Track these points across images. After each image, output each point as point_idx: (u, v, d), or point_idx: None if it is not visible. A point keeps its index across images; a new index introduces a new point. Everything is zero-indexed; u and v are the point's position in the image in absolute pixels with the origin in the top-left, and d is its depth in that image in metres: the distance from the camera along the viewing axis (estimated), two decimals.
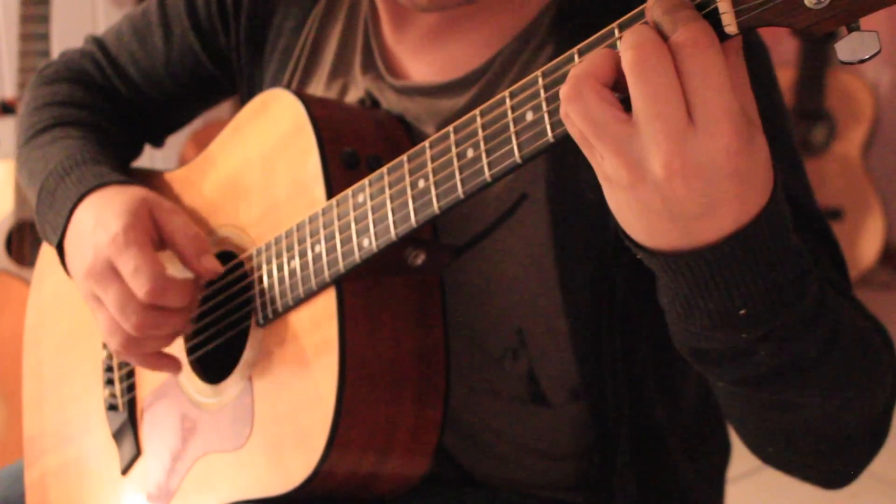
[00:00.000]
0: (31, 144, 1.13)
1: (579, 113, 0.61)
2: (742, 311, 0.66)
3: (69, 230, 1.01)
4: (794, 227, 0.73)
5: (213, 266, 0.96)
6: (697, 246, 0.63)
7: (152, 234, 0.96)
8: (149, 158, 1.30)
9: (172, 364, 1.00)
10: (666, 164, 0.59)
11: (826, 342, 0.71)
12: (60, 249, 1.04)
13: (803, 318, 0.69)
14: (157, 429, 1.04)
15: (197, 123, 2.75)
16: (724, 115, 0.58)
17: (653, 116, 0.59)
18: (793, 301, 0.67)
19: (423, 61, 0.99)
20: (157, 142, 1.28)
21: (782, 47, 3.10)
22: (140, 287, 0.92)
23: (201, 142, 2.81)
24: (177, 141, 2.86)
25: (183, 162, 2.82)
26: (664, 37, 0.59)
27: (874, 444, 0.82)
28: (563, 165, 0.90)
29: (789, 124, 0.91)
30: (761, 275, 0.65)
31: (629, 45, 0.59)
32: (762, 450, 0.84)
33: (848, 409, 0.78)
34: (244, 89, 1.13)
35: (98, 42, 1.23)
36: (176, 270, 0.98)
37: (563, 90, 0.61)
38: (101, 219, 0.97)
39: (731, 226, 0.62)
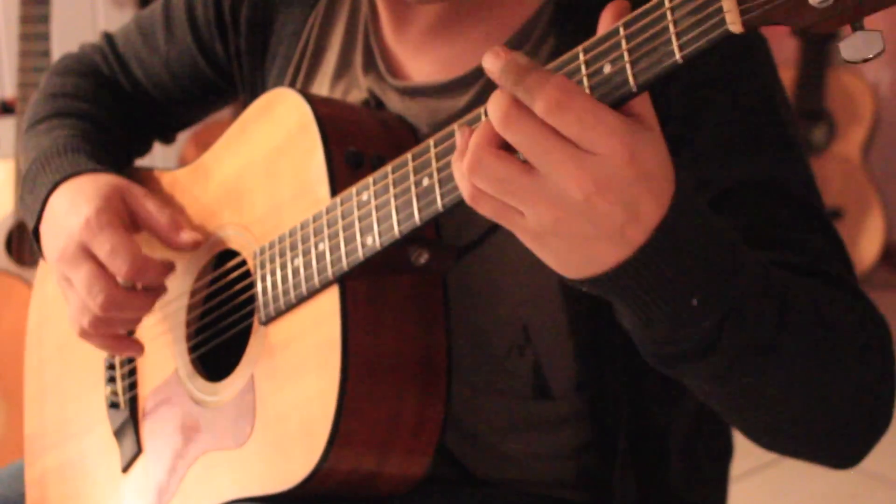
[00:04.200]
0: (30, 133, 1.17)
1: (487, 178, 0.65)
2: (694, 302, 0.69)
3: (44, 216, 1.04)
4: (795, 221, 0.80)
5: (192, 237, 0.99)
6: (633, 252, 0.66)
7: (124, 218, 0.99)
8: (149, 159, 1.31)
9: (135, 347, 1.03)
10: (580, 188, 0.62)
11: (778, 315, 0.74)
12: (37, 235, 1.06)
13: (750, 288, 0.72)
14: (158, 427, 1.04)
15: (197, 124, 2.75)
16: (610, 136, 0.62)
17: (543, 155, 0.63)
18: (734, 271, 0.70)
19: (423, 61, 0.99)
20: (166, 138, 1.31)
21: (782, 47, 3.10)
22: (119, 267, 0.95)
23: (201, 142, 2.81)
24: (177, 141, 2.86)
25: (183, 162, 2.82)
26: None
27: (873, 426, 0.84)
28: None
29: (786, 116, 0.91)
30: (696, 255, 0.68)
31: (491, 111, 0.64)
32: (760, 441, 0.85)
33: (822, 393, 0.79)
34: (247, 96, 1.14)
35: (109, 39, 1.26)
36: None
37: (465, 165, 0.65)
38: (73, 204, 1.00)
39: (655, 221, 0.65)
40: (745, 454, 1.14)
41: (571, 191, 0.63)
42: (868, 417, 0.83)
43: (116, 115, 1.21)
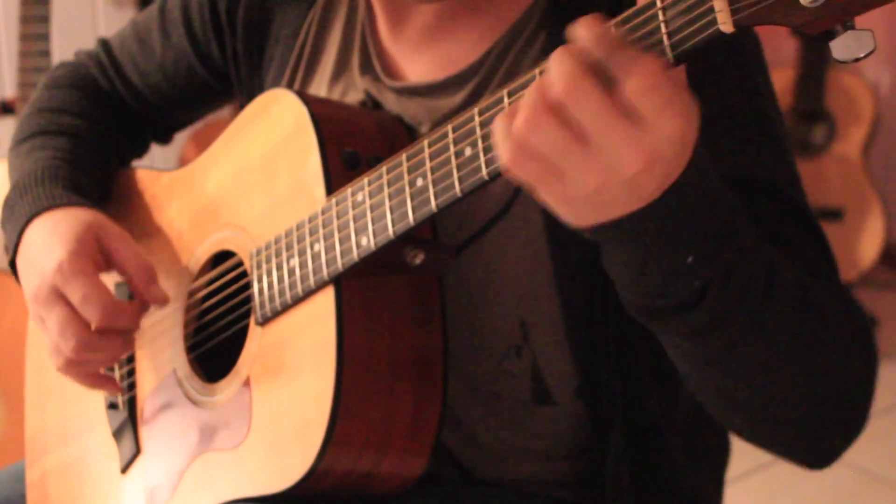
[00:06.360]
0: (14, 152, 1.17)
1: (544, 138, 0.63)
2: (689, 259, 0.71)
3: (20, 250, 1.04)
4: (778, 217, 0.82)
5: (161, 295, 1.01)
6: (645, 204, 0.67)
7: (97, 260, 1.00)
8: (149, 158, 1.31)
9: (110, 385, 1.04)
10: (633, 164, 0.63)
11: (766, 286, 0.75)
12: (14, 267, 1.06)
13: (743, 256, 0.73)
14: (156, 428, 1.05)
15: (197, 124, 2.76)
16: (679, 118, 0.62)
17: (605, 131, 0.62)
18: (731, 235, 0.72)
19: (419, 61, 1.00)
20: (163, 140, 1.31)
21: (782, 47, 3.10)
22: (92, 314, 0.95)
23: (201, 142, 2.81)
24: (177, 141, 2.87)
25: (183, 162, 2.82)
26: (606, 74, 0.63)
27: (849, 423, 0.84)
28: None
29: (772, 112, 0.91)
30: (698, 215, 0.70)
31: (557, 76, 0.63)
32: (730, 422, 0.86)
33: (802, 374, 0.80)
34: (244, 98, 1.14)
35: (105, 44, 1.26)
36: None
37: (521, 120, 0.64)
38: (47, 243, 1.00)
39: (673, 180, 0.67)
40: (744, 455, 1.14)
41: (624, 166, 0.63)
42: (846, 412, 0.84)
43: (108, 124, 1.21)
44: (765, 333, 0.77)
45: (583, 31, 0.64)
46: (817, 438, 0.85)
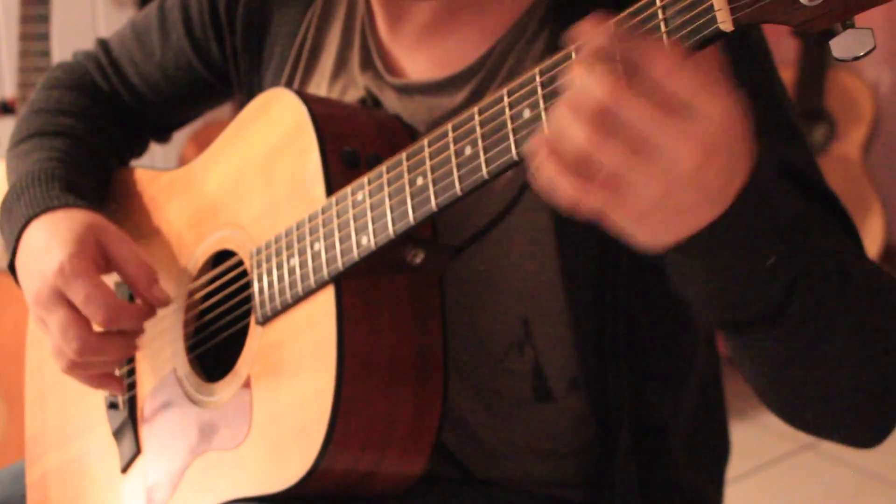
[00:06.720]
0: (12, 153, 1.17)
1: (608, 158, 0.60)
2: (772, 259, 0.69)
3: (19, 252, 1.04)
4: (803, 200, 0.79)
5: (163, 296, 1.00)
6: (725, 208, 0.65)
7: (98, 261, 1.00)
8: (149, 158, 1.32)
9: (114, 385, 1.04)
10: (691, 158, 0.60)
11: (839, 273, 0.74)
12: (13, 268, 1.06)
13: (815, 244, 0.72)
14: (156, 427, 1.05)
15: (197, 123, 2.75)
16: (724, 95, 0.60)
17: (657, 130, 0.59)
18: (801, 229, 0.71)
19: (419, 58, 1.00)
20: (162, 138, 1.31)
21: (782, 47, 3.09)
22: (94, 314, 0.96)
23: (202, 142, 2.81)
24: (177, 141, 2.87)
25: (183, 162, 2.82)
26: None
27: None
28: None
29: (786, 99, 0.91)
30: (774, 208, 0.69)
31: (594, 89, 0.60)
32: (801, 417, 0.84)
33: (873, 354, 0.79)
34: (244, 96, 1.14)
35: (103, 44, 1.26)
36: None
37: (582, 147, 0.60)
38: (47, 245, 1.00)
39: (746, 176, 0.65)
40: (745, 455, 1.14)
41: (683, 160, 0.60)
42: None
43: (106, 124, 1.21)
44: (845, 324, 0.76)
45: (594, 34, 0.61)
46: (878, 418, 0.84)
